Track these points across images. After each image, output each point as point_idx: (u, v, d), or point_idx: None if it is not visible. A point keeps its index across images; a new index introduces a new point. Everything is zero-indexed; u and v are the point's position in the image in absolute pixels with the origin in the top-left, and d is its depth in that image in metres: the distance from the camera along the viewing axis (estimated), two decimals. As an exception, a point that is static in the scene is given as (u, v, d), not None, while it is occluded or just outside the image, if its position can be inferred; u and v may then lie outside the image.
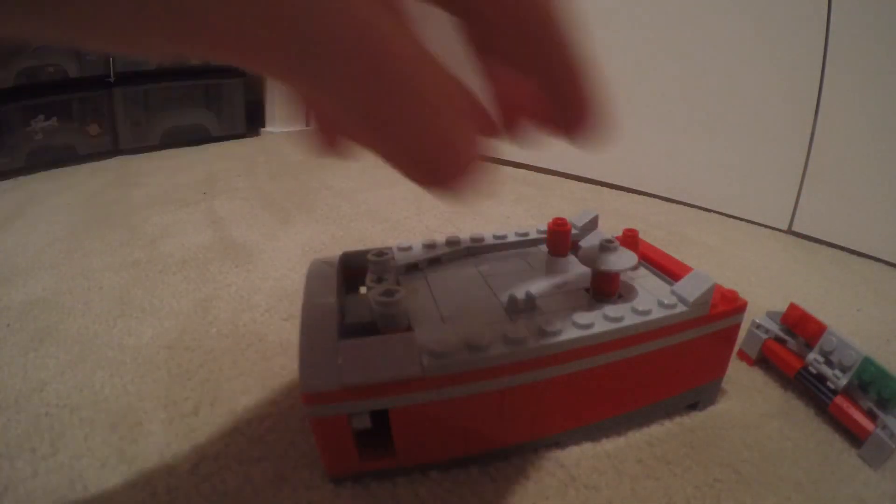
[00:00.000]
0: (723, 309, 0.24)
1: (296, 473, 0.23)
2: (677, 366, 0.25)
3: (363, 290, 0.26)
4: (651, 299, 0.23)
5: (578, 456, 0.24)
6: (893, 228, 0.47)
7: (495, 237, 0.30)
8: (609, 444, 0.25)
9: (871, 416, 0.25)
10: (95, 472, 0.22)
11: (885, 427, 0.24)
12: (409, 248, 0.29)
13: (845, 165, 0.49)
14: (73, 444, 0.24)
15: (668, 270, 0.28)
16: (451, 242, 0.29)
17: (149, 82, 0.83)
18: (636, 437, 0.25)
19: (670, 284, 0.26)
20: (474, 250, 0.30)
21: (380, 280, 0.24)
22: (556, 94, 0.17)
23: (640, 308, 0.22)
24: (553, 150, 0.38)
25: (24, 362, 0.29)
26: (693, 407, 0.27)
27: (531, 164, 0.77)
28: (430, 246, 0.29)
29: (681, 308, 0.23)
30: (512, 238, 0.31)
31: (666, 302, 0.23)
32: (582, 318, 0.22)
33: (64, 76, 0.74)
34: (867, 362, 0.25)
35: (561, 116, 0.17)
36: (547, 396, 0.22)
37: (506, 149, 0.81)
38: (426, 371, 0.19)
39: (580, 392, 0.23)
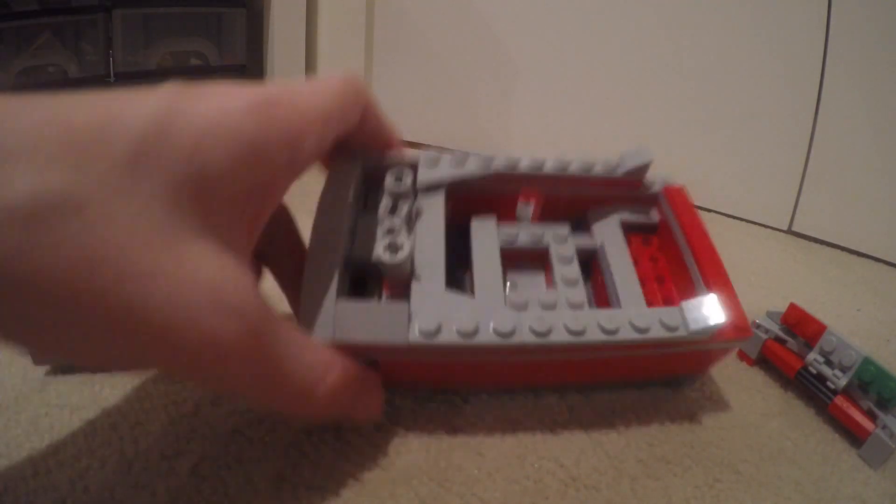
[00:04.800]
0: (725, 338, 0.23)
1: (296, 473, 0.23)
2: (663, 363, 0.25)
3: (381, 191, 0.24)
4: (653, 315, 0.22)
5: (578, 456, 0.24)
6: (893, 228, 0.47)
7: (531, 167, 0.26)
8: (609, 444, 0.25)
9: (871, 416, 0.25)
10: (95, 472, 0.22)
11: (885, 427, 0.24)
12: (436, 163, 0.25)
13: (845, 165, 0.49)
14: (73, 444, 0.24)
15: (701, 271, 0.25)
16: (483, 161, 0.26)
17: (149, 82, 0.83)
18: (636, 437, 0.25)
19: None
20: (506, 177, 0.26)
21: (395, 207, 0.23)
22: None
23: (638, 324, 0.21)
24: (554, 150, 0.38)
25: (24, 362, 0.29)
26: (669, 384, 0.28)
27: (531, 164, 0.77)
28: (459, 162, 0.25)
29: (681, 332, 0.22)
30: (549, 168, 0.26)
31: (667, 322, 0.22)
32: (575, 322, 0.21)
33: (64, 76, 0.74)
34: (867, 362, 0.25)
35: None
36: (528, 368, 0.24)
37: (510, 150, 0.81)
38: (413, 343, 0.20)
39: (560, 369, 0.24)
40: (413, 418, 0.26)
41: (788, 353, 0.29)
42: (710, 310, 0.22)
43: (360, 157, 0.24)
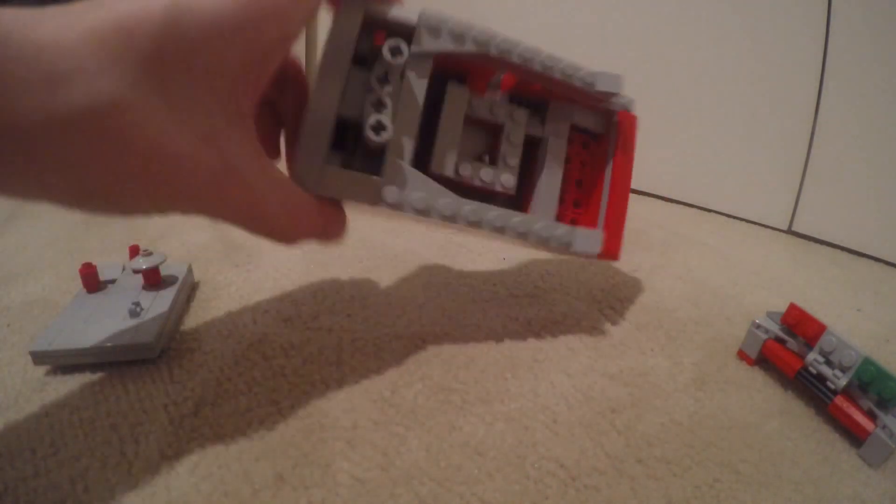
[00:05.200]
0: (598, 258, 0.30)
1: (295, 473, 0.23)
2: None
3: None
4: (554, 229, 0.28)
5: (578, 456, 0.24)
6: (893, 228, 0.47)
7: (522, 59, 0.27)
8: (609, 444, 0.25)
9: (871, 416, 0.25)
10: (95, 472, 0.22)
11: (885, 427, 0.24)
12: (437, 35, 0.25)
13: (845, 165, 0.49)
14: (73, 444, 0.24)
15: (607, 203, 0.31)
16: (480, 43, 0.26)
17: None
18: (636, 437, 0.25)
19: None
20: (495, 60, 0.27)
21: (385, 78, 0.25)
22: None
23: (542, 235, 0.28)
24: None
25: (24, 362, 0.29)
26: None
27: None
28: (457, 39, 0.25)
29: (569, 249, 0.29)
30: (537, 66, 0.27)
31: (562, 238, 0.28)
32: (498, 221, 0.27)
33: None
34: (867, 362, 0.25)
35: None
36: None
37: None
38: (380, 209, 0.25)
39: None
40: (413, 418, 0.26)
41: (788, 353, 0.29)
42: (594, 241, 0.29)
43: (362, 6, 0.24)
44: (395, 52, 0.24)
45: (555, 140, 0.31)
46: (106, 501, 0.21)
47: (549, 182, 0.30)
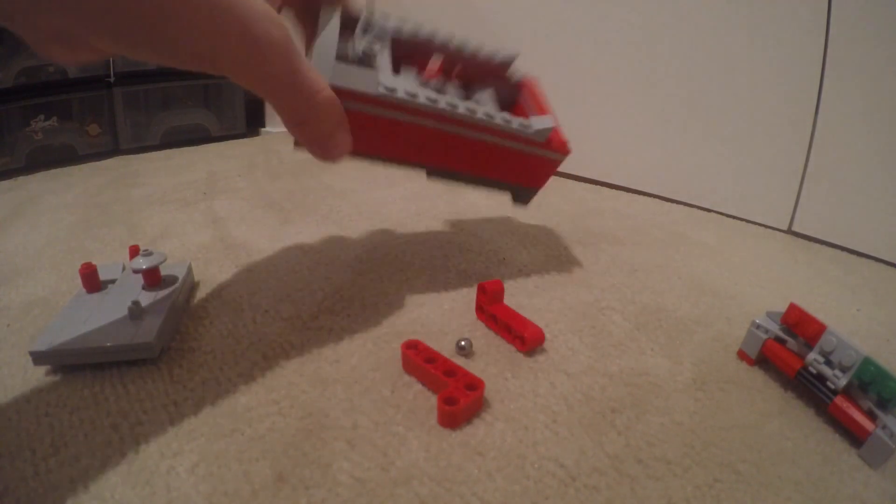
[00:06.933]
0: (552, 146, 0.37)
1: (295, 473, 0.23)
2: (512, 162, 0.37)
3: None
4: (508, 116, 0.35)
5: (578, 456, 0.24)
6: (893, 228, 0.47)
7: (441, 43, 0.38)
8: (609, 444, 0.25)
9: (871, 416, 0.25)
10: (95, 472, 0.22)
11: (885, 427, 0.24)
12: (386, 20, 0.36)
13: (845, 165, 0.49)
14: (73, 444, 0.24)
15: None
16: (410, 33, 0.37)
17: (149, 82, 0.83)
18: (636, 437, 0.25)
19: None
20: (423, 43, 0.38)
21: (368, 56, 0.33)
22: None
23: (506, 118, 0.34)
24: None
25: (24, 362, 0.29)
26: (514, 199, 0.40)
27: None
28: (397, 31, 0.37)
29: (528, 129, 0.35)
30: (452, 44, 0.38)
31: (521, 121, 0.35)
32: (463, 109, 0.33)
33: (64, 76, 0.74)
34: (867, 362, 0.25)
35: None
36: (437, 139, 0.34)
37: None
38: (380, 94, 0.30)
39: (451, 144, 0.34)
40: (413, 418, 0.26)
41: (788, 353, 0.29)
42: (546, 122, 0.36)
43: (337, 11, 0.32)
44: (366, 28, 0.35)
45: (485, 100, 0.40)
46: (106, 502, 0.21)
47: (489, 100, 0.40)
